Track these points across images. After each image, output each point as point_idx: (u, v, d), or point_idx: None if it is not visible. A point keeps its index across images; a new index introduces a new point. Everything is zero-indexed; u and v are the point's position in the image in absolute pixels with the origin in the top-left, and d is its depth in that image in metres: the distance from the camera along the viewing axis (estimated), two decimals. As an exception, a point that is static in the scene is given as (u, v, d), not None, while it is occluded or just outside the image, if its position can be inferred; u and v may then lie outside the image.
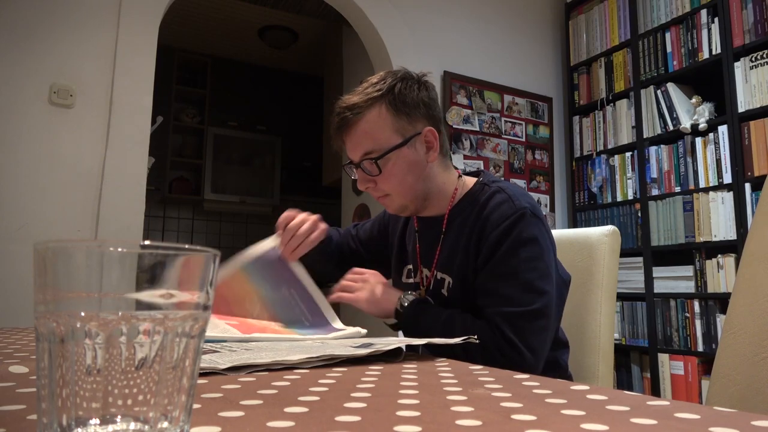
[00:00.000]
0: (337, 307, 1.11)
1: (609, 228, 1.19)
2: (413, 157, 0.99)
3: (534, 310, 0.89)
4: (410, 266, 1.12)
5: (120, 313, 0.25)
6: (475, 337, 0.75)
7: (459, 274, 0.99)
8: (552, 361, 0.98)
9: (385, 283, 1.06)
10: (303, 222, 1.09)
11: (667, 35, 2.79)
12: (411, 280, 1.11)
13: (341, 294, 1.05)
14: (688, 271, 2.58)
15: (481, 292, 0.95)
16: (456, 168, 1.10)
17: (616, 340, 2.72)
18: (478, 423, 0.34)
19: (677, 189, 2.67)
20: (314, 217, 1.12)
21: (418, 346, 0.98)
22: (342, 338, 0.92)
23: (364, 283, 1.05)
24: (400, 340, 0.72)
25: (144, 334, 0.25)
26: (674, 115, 2.70)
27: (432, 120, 1.02)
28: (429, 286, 1.05)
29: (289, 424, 0.33)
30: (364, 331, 0.97)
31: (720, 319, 2.42)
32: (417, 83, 1.01)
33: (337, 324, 1.03)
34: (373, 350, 0.60)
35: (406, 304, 0.99)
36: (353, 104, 0.98)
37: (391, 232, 1.21)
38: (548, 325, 0.92)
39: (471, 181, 1.07)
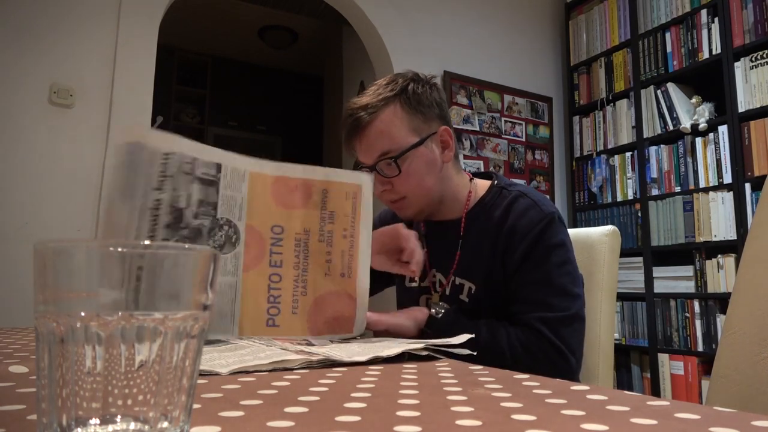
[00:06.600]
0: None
1: (609, 228, 1.18)
2: (430, 157, 0.98)
3: (571, 314, 0.90)
4: None
5: (120, 313, 0.25)
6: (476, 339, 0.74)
7: (484, 280, 0.97)
8: None
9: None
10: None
11: (667, 35, 2.79)
12: (414, 284, 1.09)
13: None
14: (688, 271, 2.58)
15: (515, 299, 0.94)
16: (466, 171, 1.09)
17: (616, 340, 2.72)
18: (478, 423, 0.34)
19: (677, 189, 2.67)
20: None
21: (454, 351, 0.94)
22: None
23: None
24: (400, 344, 0.71)
25: (144, 334, 0.25)
26: (674, 115, 2.70)
27: (445, 120, 1.01)
28: (444, 292, 1.03)
29: (289, 424, 0.33)
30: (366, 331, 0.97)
31: (720, 319, 2.42)
32: (428, 84, 1.00)
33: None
34: (373, 356, 0.60)
35: (442, 311, 0.93)
36: (366, 104, 0.95)
37: None
38: (583, 328, 0.93)
39: (484, 184, 1.06)
